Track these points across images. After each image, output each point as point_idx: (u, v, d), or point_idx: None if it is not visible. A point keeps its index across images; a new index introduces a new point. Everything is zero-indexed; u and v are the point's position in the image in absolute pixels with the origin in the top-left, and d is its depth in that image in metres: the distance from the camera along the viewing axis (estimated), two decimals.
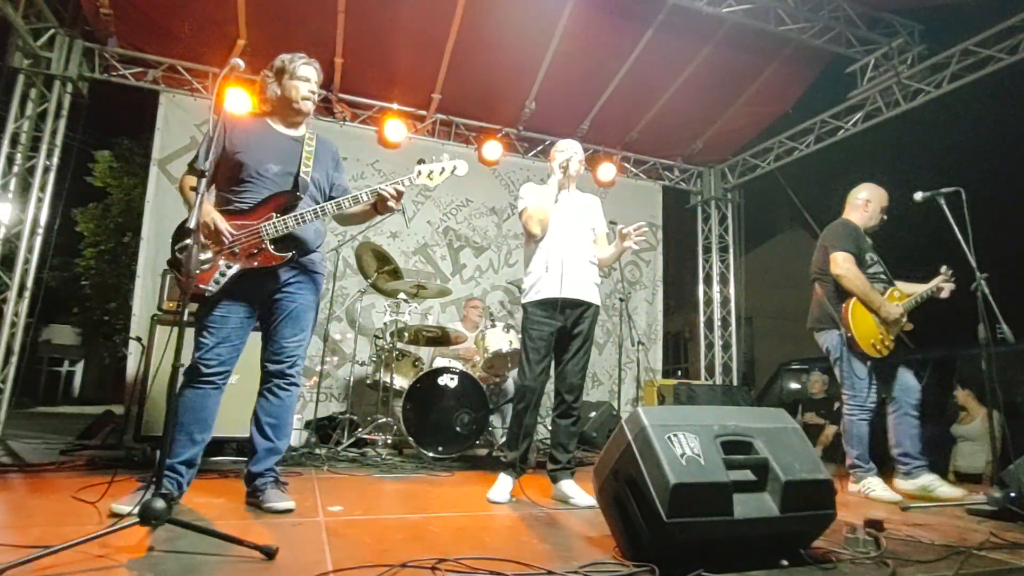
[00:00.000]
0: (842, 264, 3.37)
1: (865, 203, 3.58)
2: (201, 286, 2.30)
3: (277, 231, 2.36)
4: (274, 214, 2.37)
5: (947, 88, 5.17)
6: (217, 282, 2.31)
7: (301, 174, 2.45)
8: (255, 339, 2.51)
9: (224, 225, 2.29)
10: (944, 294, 3.48)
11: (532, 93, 5.97)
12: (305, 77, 2.51)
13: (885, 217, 3.60)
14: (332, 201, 2.45)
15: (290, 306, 2.47)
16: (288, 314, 2.47)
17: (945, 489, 3.22)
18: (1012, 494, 2.66)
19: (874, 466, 3.36)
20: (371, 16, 5.05)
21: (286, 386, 2.49)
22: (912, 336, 3.47)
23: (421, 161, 2.54)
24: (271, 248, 2.36)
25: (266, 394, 2.48)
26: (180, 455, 2.28)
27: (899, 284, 3.55)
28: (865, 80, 5.58)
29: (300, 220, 2.38)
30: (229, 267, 2.33)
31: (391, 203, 2.45)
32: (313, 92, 2.55)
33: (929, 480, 3.28)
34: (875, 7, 5.21)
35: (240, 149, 2.41)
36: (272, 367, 2.48)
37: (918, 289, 3.52)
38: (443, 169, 2.53)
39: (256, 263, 2.35)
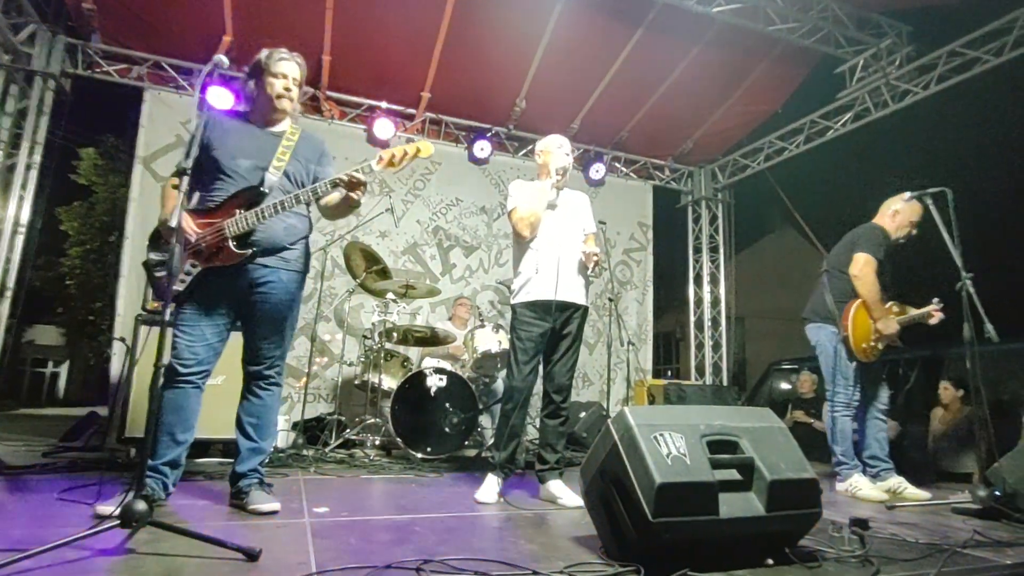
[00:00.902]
0: (863, 267, 3.37)
1: (894, 213, 3.53)
2: None
3: (239, 228, 2.27)
4: (238, 211, 2.29)
5: (935, 89, 5.23)
6: (183, 281, 2.27)
7: (270, 169, 2.36)
8: (241, 339, 2.46)
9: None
10: (933, 321, 3.50)
11: (522, 92, 5.96)
12: (282, 73, 2.40)
13: (914, 232, 3.53)
14: (291, 195, 2.32)
15: (263, 306, 2.38)
16: (262, 314, 2.39)
17: (912, 491, 3.26)
18: (997, 492, 2.68)
19: (859, 463, 3.39)
20: (360, 13, 5.02)
21: (266, 386, 2.45)
22: (900, 339, 3.49)
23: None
24: (232, 246, 2.28)
25: (247, 395, 2.45)
26: (163, 456, 2.25)
27: (894, 303, 3.55)
28: (854, 80, 5.62)
29: (261, 216, 2.29)
30: (194, 266, 2.29)
31: (354, 194, 2.33)
32: (289, 89, 2.42)
33: (896, 482, 3.33)
34: (864, 8, 5.25)
35: (216, 146, 2.34)
36: (251, 368, 2.44)
37: (912, 312, 3.54)
38: (405, 152, 2.33)
39: (217, 261, 2.29)
